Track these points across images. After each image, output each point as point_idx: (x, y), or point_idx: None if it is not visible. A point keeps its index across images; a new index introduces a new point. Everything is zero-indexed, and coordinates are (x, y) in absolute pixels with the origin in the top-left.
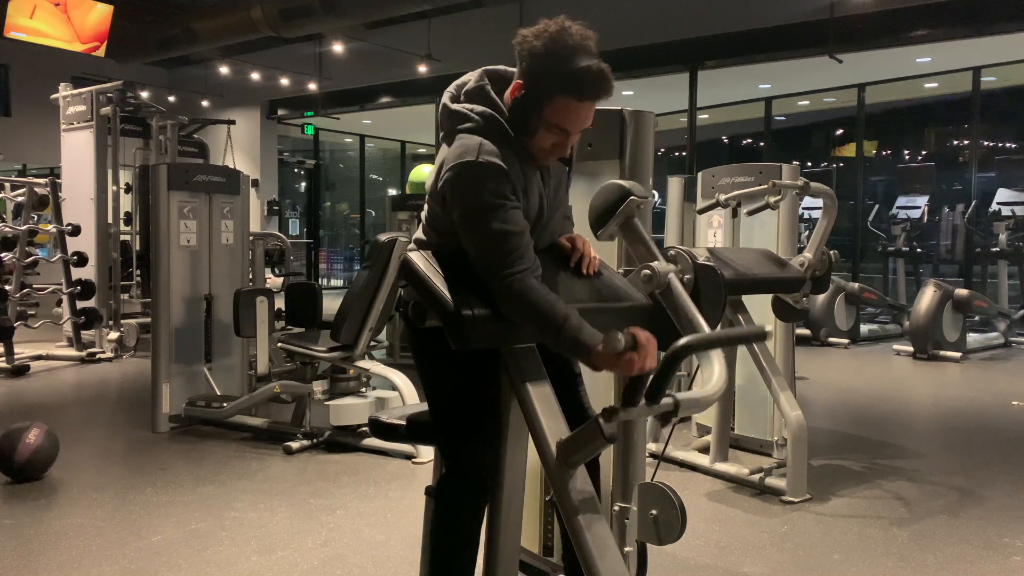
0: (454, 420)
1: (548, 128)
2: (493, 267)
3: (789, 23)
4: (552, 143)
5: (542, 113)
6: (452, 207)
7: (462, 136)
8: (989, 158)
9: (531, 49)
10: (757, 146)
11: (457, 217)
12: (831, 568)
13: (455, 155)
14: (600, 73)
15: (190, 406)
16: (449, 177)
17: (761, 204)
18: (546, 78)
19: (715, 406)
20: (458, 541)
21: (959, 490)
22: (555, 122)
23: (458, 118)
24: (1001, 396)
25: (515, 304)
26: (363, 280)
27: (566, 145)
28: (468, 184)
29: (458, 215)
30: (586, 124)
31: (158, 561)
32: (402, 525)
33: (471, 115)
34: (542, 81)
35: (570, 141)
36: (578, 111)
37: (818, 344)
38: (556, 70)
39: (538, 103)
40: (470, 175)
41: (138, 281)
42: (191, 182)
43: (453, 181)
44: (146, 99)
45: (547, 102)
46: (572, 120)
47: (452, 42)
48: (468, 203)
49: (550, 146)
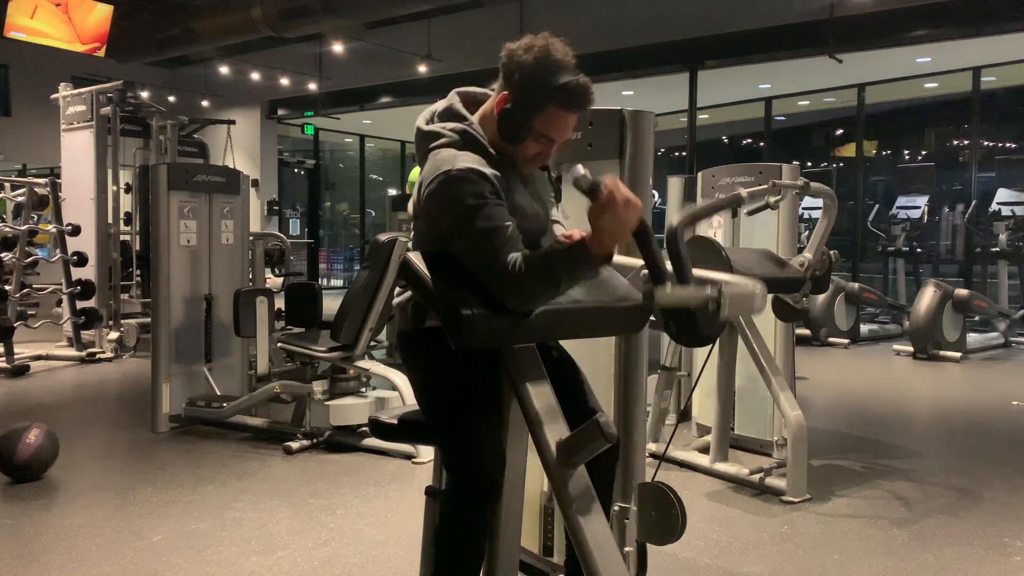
0: (456, 424)
1: (536, 137)
2: (486, 265)
3: (789, 23)
4: (536, 152)
5: (532, 123)
6: (439, 218)
7: (437, 152)
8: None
9: (521, 63)
10: (757, 146)
11: (445, 227)
12: (831, 568)
13: (432, 170)
14: (586, 86)
15: (190, 406)
16: (431, 191)
17: (761, 204)
18: (537, 90)
19: (715, 406)
20: (466, 549)
21: (959, 490)
22: (544, 131)
23: (431, 137)
24: (1001, 396)
25: (516, 290)
26: (363, 280)
27: (549, 154)
28: (449, 192)
29: (446, 225)
30: (569, 134)
31: (158, 561)
32: (402, 525)
33: (444, 132)
34: (533, 93)
35: (553, 150)
36: (566, 121)
37: (818, 344)
38: (546, 82)
39: (528, 114)
40: (450, 183)
41: (138, 281)
42: (191, 182)
43: (435, 194)
44: (146, 99)
45: (538, 113)
46: (559, 129)
47: (452, 42)
48: (453, 209)
49: (534, 155)
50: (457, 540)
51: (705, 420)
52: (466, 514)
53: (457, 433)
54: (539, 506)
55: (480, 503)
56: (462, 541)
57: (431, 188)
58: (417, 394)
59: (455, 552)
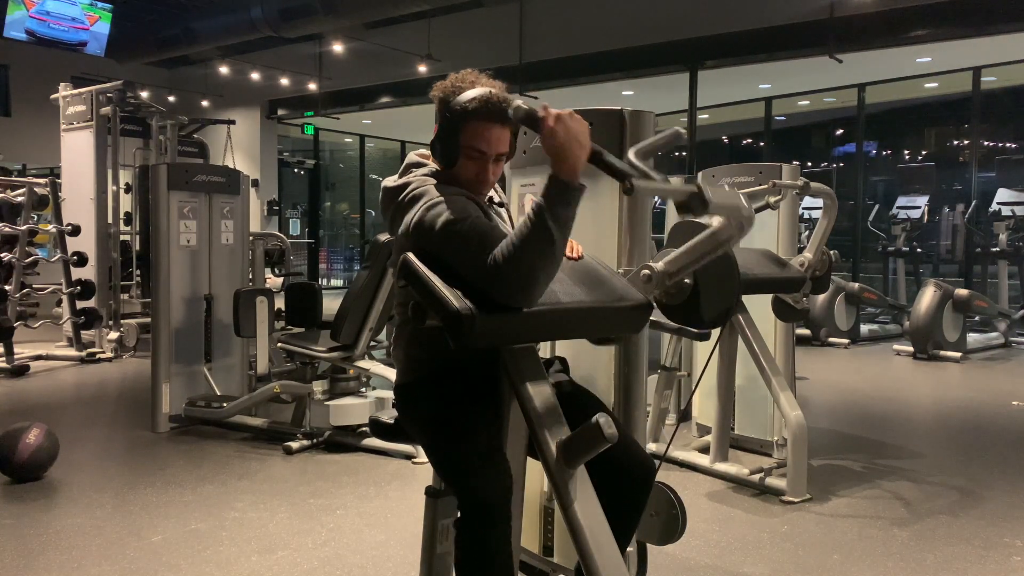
0: (457, 464)
1: (467, 154)
2: (478, 265)
3: (789, 23)
4: (475, 172)
5: (458, 141)
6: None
7: (413, 193)
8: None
9: (441, 91)
10: (757, 146)
11: (437, 239)
12: (831, 568)
13: (418, 206)
14: (502, 98)
15: (190, 406)
16: (419, 218)
17: (761, 204)
18: (454, 109)
19: (715, 406)
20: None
21: (959, 490)
22: (471, 145)
23: (402, 187)
24: (1001, 396)
25: (515, 270)
26: (363, 280)
27: (487, 172)
28: (435, 213)
29: (437, 237)
30: (501, 147)
31: (158, 561)
32: (402, 525)
33: (413, 180)
34: (451, 113)
35: (490, 168)
36: (489, 132)
37: (818, 344)
38: (463, 100)
39: (453, 133)
40: (436, 208)
41: (138, 281)
42: (191, 182)
43: (424, 220)
44: (146, 99)
45: (460, 130)
46: (486, 141)
47: (452, 42)
48: (441, 222)
49: (474, 175)
50: (478, 564)
51: (705, 420)
52: (478, 538)
53: (459, 472)
54: (539, 506)
55: (490, 531)
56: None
57: (419, 214)
58: (419, 441)
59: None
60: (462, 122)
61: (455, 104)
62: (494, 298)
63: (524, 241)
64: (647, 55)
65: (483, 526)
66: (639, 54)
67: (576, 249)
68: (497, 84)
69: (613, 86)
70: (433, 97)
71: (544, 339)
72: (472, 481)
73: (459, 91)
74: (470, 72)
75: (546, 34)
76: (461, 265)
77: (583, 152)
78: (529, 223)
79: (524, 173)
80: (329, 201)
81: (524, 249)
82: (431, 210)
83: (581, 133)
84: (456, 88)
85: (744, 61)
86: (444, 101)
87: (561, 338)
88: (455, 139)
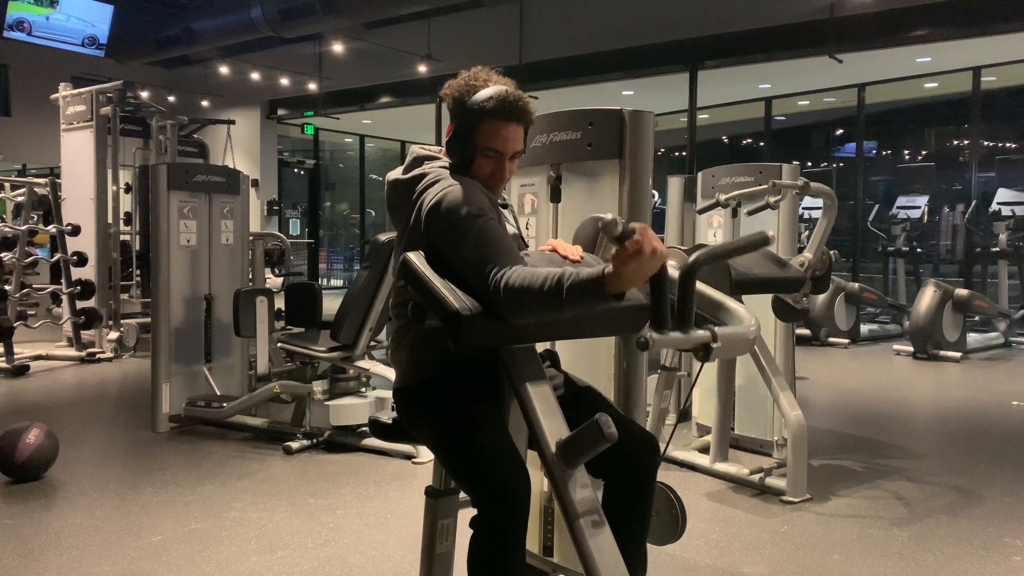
0: (468, 460)
1: (483, 153)
2: (484, 273)
3: (789, 23)
4: (490, 170)
5: (474, 141)
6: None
7: (428, 179)
8: (989, 158)
9: (453, 95)
10: (757, 146)
11: (448, 221)
12: (831, 568)
13: (438, 188)
14: (517, 96)
15: (190, 406)
16: (438, 199)
17: (761, 204)
18: (469, 109)
19: (715, 406)
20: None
21: (959, 490)
22: (487, 145)
23: (416, 180)
24: (1001, 396)
25: (514, 302)
26: (363, 280)
27: (503, 170)
28: (454, 198)
29: (449, 220)
30: (516, 147)
31: (158, 561)
32: (402, 525)
33: (428, 170)
34: (467, 113)
35: (505, 167)
36: (505, 132)
37: (818, 344)
38: (476, 100)
39: (469, 133)
40: (453, 195)
41: (138, 281)
42: (191, 182)
43: (442, 202)
44: (146, 99)
45: (476, 130)
46: (502, 140)
47: (452, 42)
48: (453, 215)
49: (490, 173)
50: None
51: (705, 420)
52: (500, 530)
53: (481, 464)
54: (539, 506)
55: (511, 521)
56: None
57: (435, 200)
58: (427, 444)
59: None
60: (479, 121)
61: (472, 104)
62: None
63: (539, 295)
64: (647, 55)
65: (508, 516)
66: (639, 54)
67: (576, 251)
68: (508, 82)
69: (613, 86)
70: (445, 96)
71: (544, 339)
72: (495, 471)
73: (473, 90)
74: (482, 70)
75: (546, 34)
76: (462, 259)
77: (642, 282)
78: (553, 287)
79: (524, 173)
80: (329, 201)
81: (535, 299)
82: (450, 194)
83: (653, 269)
84: (470, 87)
85: (744, 61)
86: (459, 101)
87: (562, 338)
88: (472, 139)
